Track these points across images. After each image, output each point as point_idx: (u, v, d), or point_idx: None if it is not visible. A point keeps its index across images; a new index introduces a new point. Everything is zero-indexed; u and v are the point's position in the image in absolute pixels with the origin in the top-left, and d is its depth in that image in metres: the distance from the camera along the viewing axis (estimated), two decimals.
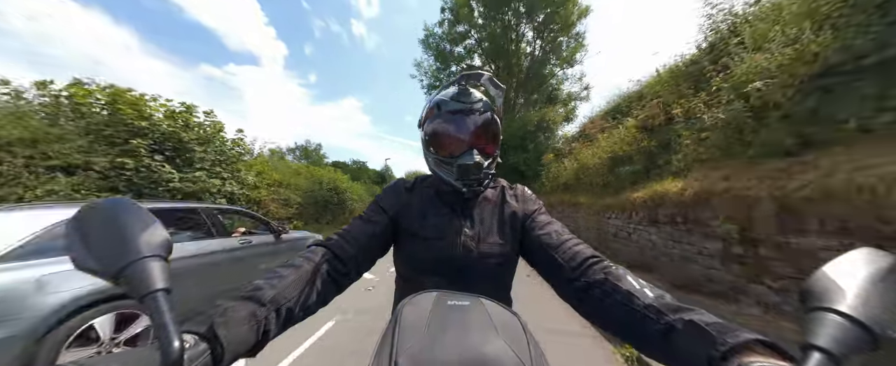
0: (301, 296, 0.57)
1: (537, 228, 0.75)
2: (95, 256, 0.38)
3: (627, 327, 0.52)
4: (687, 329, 0.43)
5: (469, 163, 0.72)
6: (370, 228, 0.76)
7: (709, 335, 0.39)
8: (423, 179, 0.88)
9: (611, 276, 0.57)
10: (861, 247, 0.37)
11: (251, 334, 0.46)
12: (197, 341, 0.39)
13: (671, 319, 0.45)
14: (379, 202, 0.82)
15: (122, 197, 0.45)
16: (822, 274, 0.35)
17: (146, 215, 0.42)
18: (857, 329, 0.31)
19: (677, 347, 0.43)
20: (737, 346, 0.37)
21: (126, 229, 0.40)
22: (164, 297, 0.36)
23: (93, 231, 0.40)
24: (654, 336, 0.47)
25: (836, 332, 0.30)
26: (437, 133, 0.77)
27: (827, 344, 0.30)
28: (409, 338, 0.44)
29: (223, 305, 0.47)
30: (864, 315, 0.31)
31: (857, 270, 0.35)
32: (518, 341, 0.44)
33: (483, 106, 0.75)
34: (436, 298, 0.52)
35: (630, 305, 0.51)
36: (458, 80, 0.76)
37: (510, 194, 0.84)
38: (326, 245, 0.69)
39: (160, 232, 0.42)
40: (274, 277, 0.57)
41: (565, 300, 0.65)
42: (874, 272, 0.34)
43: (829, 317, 0.32)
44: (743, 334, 0.38)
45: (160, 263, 0.39)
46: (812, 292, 0.34)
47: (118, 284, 0.37)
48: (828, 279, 0.34)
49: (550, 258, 0.68)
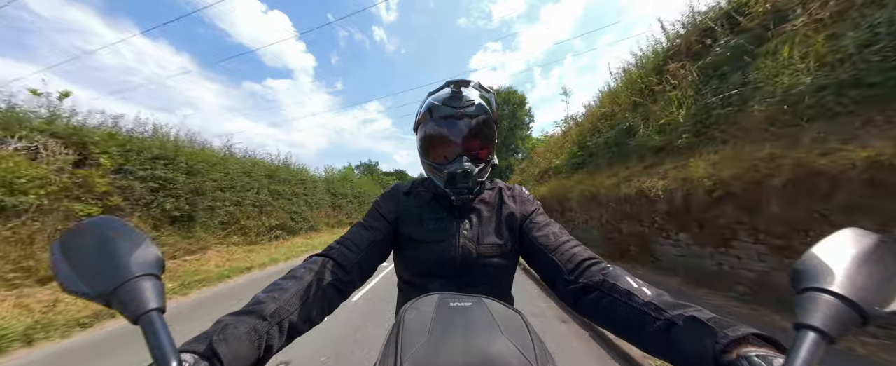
0: (304, 308, 0.56)
1: (535, 229, 0.75)
2: (85, 279, 0.37)
3: (627, 325, 0.52)
4: (687, 325, 0.44)
5: (458, 170, 0.71)
6: (370, 234, 0.76)
7: (709, 330, 0.41)
8: (421, 182, 0.88)
9: (609, 276, 0.57)
10: (847, 228, 0.39)
11: (252, 350, 0.45)
12: (196, 361, 0.38)
13: (671, 315, 0.46)
14: (378, 208, 0.82)
15: (109, 216, 0.44)
16: (811, 255, 0.36)
17: (135, 234, 0.41)
18: (847, 307, 0.32)
19: (679, 342, 0.44)
20: (736, 339, 0.38)
21: (115, 249, 0.39)
22: (158, 317, 0.35)
23: (81, 253, 0.39)
24: (654, 333, 0.48)
25: (828, 310, 0.31)
26: (429, 138, 0.77)
27: (819, 323, 0.31)
28: (413, 342, 0.43)
29: (223, 321, 0.46)
30: (853, 293, 0.32)
31: (844, 251, 0.36)
32: (522, 338, 0.44)
33: (476, 109, 0.74)
34: (438, 300, 0.52)
35: (629, 303, 0.52)
36: (448, 85, 0.75)
37: (508, 195, 0.84)
38: (328, 254, 0.69)
39: (152, 250, 0.41)
40: (275, 289, 0.56)
41: (563, 301, 0.65)
42: (860, 252, 0.36)
43: (819, 297, 0.33)
44: (741, 328, 0.39)
45: (153, 281, 0.38)
46: (802, 272, 0.35)
47: (110, 306, 0.36)
48: (817, 260, 0.35)
49: (548, 260, 0.68)
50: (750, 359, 0.35)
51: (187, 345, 0.40)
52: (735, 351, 0.37)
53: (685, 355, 0.43)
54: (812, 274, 0.35)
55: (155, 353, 0.33)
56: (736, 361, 0.36)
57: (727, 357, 0.37)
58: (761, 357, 0.35)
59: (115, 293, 0.36)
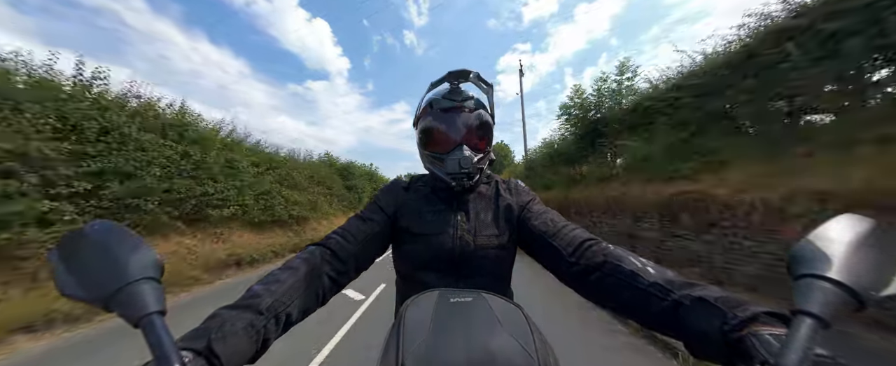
0: (299, 299, 0.57)
1: (533, 217, 0.76)
2: (84, 284, 0.37)
3: (633, 306, 0.52)
4: (696, 306, 0.44)
5: (459, 157, 0.72)
6: (368, 226, 0.76)
7: (718, 311, 0.41)
8: (419, 178, 0.89)
9: (611, 257, 0.57)
10: (841, 214, 0.39)
11: (250, 345, 0.46)
12: (194, 358, 0.38)
13: (678, 295, 0.46)
14: (377, 201, 0.82)
15: (105, 220, 0.44)
16: (807, 242, 0.36)
17: (133, 238, 0.41)
18: (843, 293, 0.32)
19: (688, 322, 0.44)
20: (746, 319, 0.38)
21: (114, 253, 0.39)
22: (159, 319, 0.35)
23: (79, 258, 0.39)
24: (662, 313, 0.48)
25: (824, 296, 0.32)
26: (429, 130, 0.78)
27: (816, 309, 0.31)
28: (414, 339, 0.43)
29: (220, 316, 0.46)
30: (849, 279, 0.32)
31: (840, 237, 0.36)
32: (522, 332, 0.44)
33: (474, 104, 0.77)
34: (438, 296, 0.52)
35: (635, 284, 0.52)
36: (447, 79, 0.76)
37: (504, 188, 0.85)
38: (325, 245, 0.69)
39: (150, 253, 0.41)
40: (272, 281, 0.56)
41: (568, 285, 0.65)
42: (856, 237, 0.36)
43: (816, 283, 0.33)
44: (750, 307, 0.39)
45: (152, 284, 0.38)
46: (798, 259, 0.36)
47: (110, 310, 0.36)
48: (813, 246, 0.36)
49: (548, 246, 0.69)
50: (759, 337, 0.35)
51: (184, 342, 0.40)
52: (745, 330, 0.37)
53: (693, 334, 0.43)
54: (808, 260, 0.35)
55: (157, 355, 0.33)
56: (745, 337, 0.36)
57: (736, 335, 0.37)
58: (773, 335, 0.34)
59: (114, 297, 0.36)
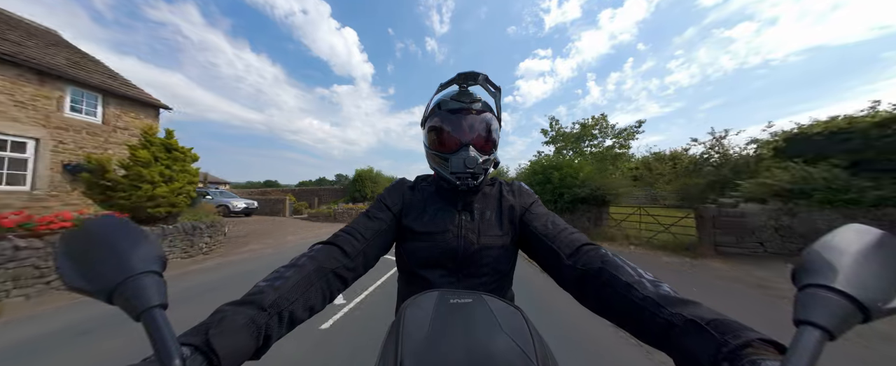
0: (304, 297, 0.56)
1: (534, 219, 0.77)
2: (87, 276, 0.37)
3: (626, 318, 0.52)
4: (688, 329, 0.42)
5: (464, 157, 0.73)
6: (375, 224, 0.77)
7: (710, 336, 0.39)
8: (425, 178, 0.90)
9: (608, 264, 0.57)
10: (849, 224, 0.38)
11: (251, 341, 0.45)
12: (192, 353, 0.38)
13: (670, 313, 0.45)
14: (383, 200, 0.84)
15: (111, 214, 0.44)
16: (812, 251, 0.36)
17: (137, 231, 0.42)
18: (848, 303, 0.31)
19: (679, 344, 0.43)
20: (740, 346, 0.37)
21: (117, 246, 0.39)
22: (161, 313, 0.36)
23: (83, 250, 0.39)
24: (653, 330, 0.47)
25: (829, 307, 0.31)
26: (436, 130, 0.78)
27: (820, 319, 0.30)
28: (413, 339, 0.43)
29: (222, 311, 0.46)
30: (855, 290, 0.32)
31: (846, 247, 0.35)
32: (522, 335, 0.44)
33: (481, 106, 0.78)
34: (437, 297, 0.52)
35: (629, 296, 0.51)
36: (457, 81, 0.77)
37: (507, 190, 0.86)
38: (334, 242, 0.70)
39: (154, 247, 0.41)
40: (276, 278, 0.56)
41: (566, 289, 0.65)
42: (862, 248, 0.35)
43: (820, 293, 0.32)
44: (744, 332, 0.38)
45: (155, 278, 0.38)
46: (804, 269, 0.35)
47: (113, 302, 0.36)
48: (818, 256, 0.35)
49: (548, 248, 0.69)
50: (754, 364, 0.34)
51: (183, 337, 0.40)
52: (738, 360, 0.35)
53: (685, 357, 0.42)
54: (814, 270, 0.34)
55: (158, 349, 0.33)
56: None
57: (730, 364, 0.36)
58: (766, 363, 0.33)
59: (117, 290, 0.36)
